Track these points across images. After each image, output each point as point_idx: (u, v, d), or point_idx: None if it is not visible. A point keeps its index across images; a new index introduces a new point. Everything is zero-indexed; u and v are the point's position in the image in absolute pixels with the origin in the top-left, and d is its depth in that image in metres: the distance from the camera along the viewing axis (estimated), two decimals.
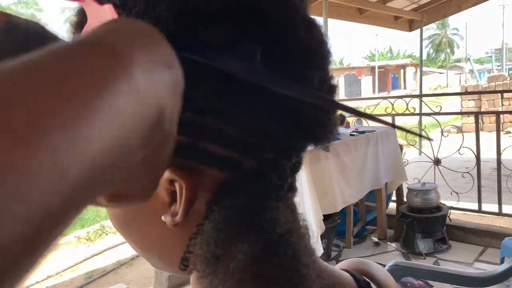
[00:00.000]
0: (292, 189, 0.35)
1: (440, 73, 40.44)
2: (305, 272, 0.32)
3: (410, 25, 6.78)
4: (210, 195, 0.30)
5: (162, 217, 0.31)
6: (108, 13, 0.28)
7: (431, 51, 50.26)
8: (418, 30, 6.71)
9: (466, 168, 3.61)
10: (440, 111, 3.84)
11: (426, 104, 4.22)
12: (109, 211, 0.35)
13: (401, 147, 3.69)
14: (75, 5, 0.32)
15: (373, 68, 33.78)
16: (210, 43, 0.27)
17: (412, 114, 3.96)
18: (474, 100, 10.87)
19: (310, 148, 0.36)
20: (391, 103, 3.93)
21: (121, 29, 0.20)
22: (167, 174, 0.29)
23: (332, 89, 0.34)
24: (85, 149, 0.15)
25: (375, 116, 0.32)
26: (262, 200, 0.31)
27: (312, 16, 0.34)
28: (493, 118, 5.57)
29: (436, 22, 35.30)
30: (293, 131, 0.32)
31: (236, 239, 0.30)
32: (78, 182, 0.15)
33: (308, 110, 0.31)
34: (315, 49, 0.32)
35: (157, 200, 0.31)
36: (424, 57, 48.47)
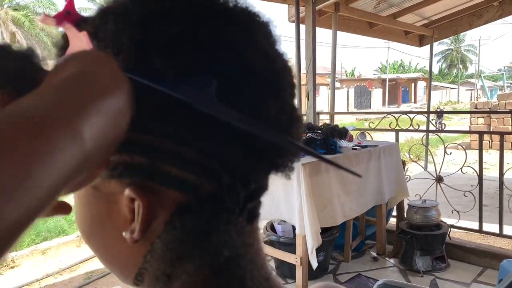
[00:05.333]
0: (252, 214, 0.36)
1: (451, 88, 40.18)
2: None
3: (421, 41, 6.79)
4: (168, 216, 0.32)
5: (123, 234, 0.33)
6: (83, 39, 0.31)
7: (444, 66, 49.98)
8: (429, 46, 6.71)
9: (471, 186, 3.59)
10: (444, 129, 3.83)
11: (431, 122, 4.20)
12: (77, 223, 0.37)
13: (403, 163, 3.69)
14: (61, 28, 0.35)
15: (384, 80, 33.68)
16: (166, 72, 0.29)
17: (416, 130, 3.95)
18: (483, 117, 10.80)
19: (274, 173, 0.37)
20: (395, 118, 3.93)
21: (75, 94, 0.24)
22: (127, 192, 0.31)
23: (293, 120, 0.35)
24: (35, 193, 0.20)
25: (322, 156, 0.33)
26: (212, 222, 0.32)
27: (279, 49, 0.35)
28: None
29: (450, 37, 35.14)
30: (250, 158, 0.33)
31: (184, 259, 0.31)
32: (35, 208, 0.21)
33: (263, 138, 0.32)
34: (272, 82, 0.33)
35: (119, 216, 0.33)
36: (436, 71, 48.23)
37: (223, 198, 0.32)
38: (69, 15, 0.33)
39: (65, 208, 0.32)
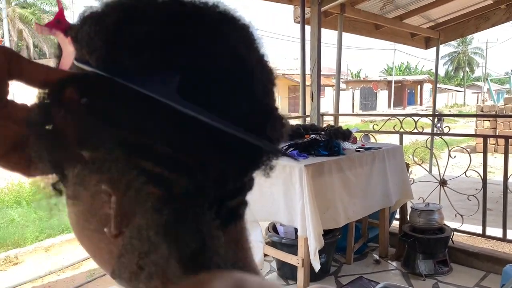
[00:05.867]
0: (232, 212, 0.36)
1: (457, 91, 40.03)
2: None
3: (427, 43, 6.77)
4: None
5: (105, 229, 0.33)
6: (68, 44, 0.35)
7: (450, 68, 49.75)
8: (435, 48, 6.68)
9: (475, 189, 3.57)
10: (448, 132, 3.81)
11: (435, 125, 4.18)
12: (69, 221, 0.38)
13: (407, 165, 3.68)
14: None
15: (389, 82, 33.59)
16: (134, 70, 0.31)
17: (420, 133, 3.93)
18: (489, 121, 10.75)
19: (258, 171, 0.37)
20: (399, 120, 3.92)
21: None
22: (104, 187, 0.32)
23: (269, 118, 0.36)
24: None
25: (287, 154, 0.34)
26: (182, 217, 0.32)
27: (256, 50, 0.36)
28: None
29: (457, 40, 34.98)
30: (219, 155, 0.33)
31: (152, 252, 0.32)
32: None
33: (232, 135, 0.31)
34: (242, 80, 0.34)
35: (101, 211, 0.34)
36: (443, 74, 48.01)
37: (196, 195, 0.32)
38: (59, 24, 0.35)
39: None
